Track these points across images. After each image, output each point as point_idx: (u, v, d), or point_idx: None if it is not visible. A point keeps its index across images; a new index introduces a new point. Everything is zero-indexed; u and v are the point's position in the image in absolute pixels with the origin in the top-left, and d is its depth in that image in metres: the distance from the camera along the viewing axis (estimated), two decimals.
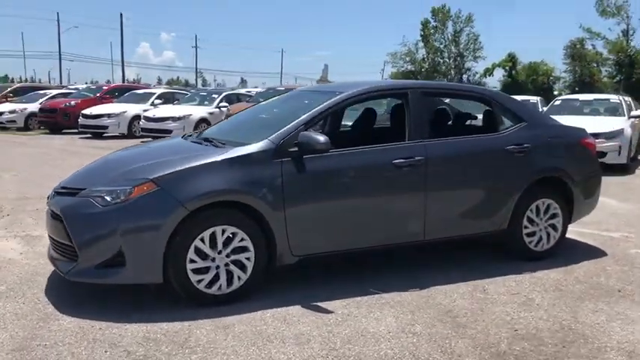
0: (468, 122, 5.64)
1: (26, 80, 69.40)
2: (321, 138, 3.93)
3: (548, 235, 5.01)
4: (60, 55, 62.06)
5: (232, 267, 3.86)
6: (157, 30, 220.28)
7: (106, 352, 3.18)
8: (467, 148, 4.65)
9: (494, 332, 3.53)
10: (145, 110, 16.21)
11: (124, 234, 3.61)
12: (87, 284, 3.87)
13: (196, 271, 3.75)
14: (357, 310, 3.84)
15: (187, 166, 3.84)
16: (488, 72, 54.85)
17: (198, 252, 3.74)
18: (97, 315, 3.65)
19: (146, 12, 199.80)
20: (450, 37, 57.15)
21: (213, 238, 3.78)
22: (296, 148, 3.97)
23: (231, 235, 3.83)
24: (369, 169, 4.26)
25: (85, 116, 16.61)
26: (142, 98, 17.83)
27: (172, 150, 4.43)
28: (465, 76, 58.22)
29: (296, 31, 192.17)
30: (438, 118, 5.31)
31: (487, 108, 5.14)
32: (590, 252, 5.32)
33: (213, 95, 17.00)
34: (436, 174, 4.43)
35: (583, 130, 5.42)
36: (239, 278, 3.87)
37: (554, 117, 6.08)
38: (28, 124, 19.19)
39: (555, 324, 3.66)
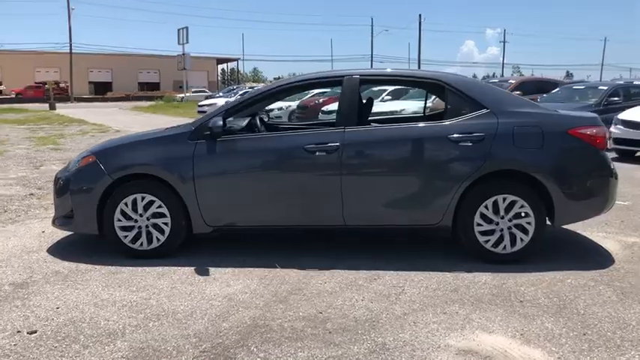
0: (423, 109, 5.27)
1: None
2: (218, 123, 4.47)
3: (514, 236, 4.50)
4: (372, 57, 67.97)
5: (151, 229, 4.67)
6: (482, 28, 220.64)
7: (20, 275, 4.37)
8: (394, 137, 4.54)
9: (290, 309, 3.65)
10: None
11: (72, 194, 4.75)
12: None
13: (123, 228, 4.68)
14: (230, 277, 4.28)
15: (121, 144, 4.82)
16: None
17: (124, 213, 4.66)
18: (62, 254, 4.86)
19: (469, 11, 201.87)
20: None
21: (135, 203, 4.65)
22: (209, 132, 4.58)
23: (150, 202, 4.64)
24: (280, 153, 4.58)
25: (323, 112, 18.58)
26: (376, 94, 19.02)
27: (148, 132, 5.38)
28: None
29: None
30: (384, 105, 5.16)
31: (442, 94, 4.84)
32: (592, 262, 4.56)
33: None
34: (353, 161, 4.49)
35: (580, 119, 4.62)
36: (157, 239, 4.67)
37: None
38: (291, 119, 22.15)
39: (371, 314, 3.57)
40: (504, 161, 4.42)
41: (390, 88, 19.26)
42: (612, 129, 10.86)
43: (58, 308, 3.68)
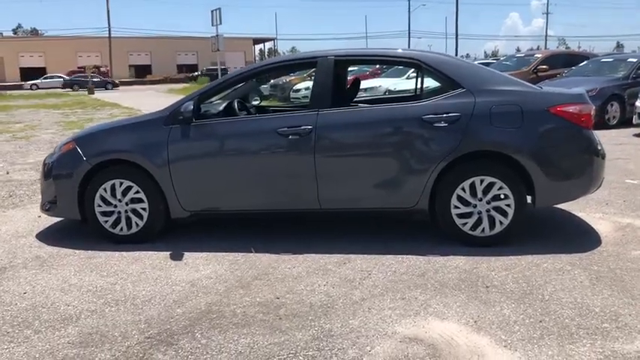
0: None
1: None
2: (189, 107, 4.46)
3: (493, 219, 4.38)
4: (409, 33, 66.87)
5: (130, 214, 4.73)
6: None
7: (1, 260, 4.49)
8: (367, 119, 4.45)
9: (249, 295, 3.65)
10: (393, 84, 17.12)
11: (55, 179, 4.84)
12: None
13: (103, 213, 4.75)
14: (201, 262, 4.30)
15: (100, 130, 4.87)
16: None
17: (103, 199, 4.73)
18: (48, 239, 4.98)
19: None
20: None
21: (114, 188, 4.71)
22: (181, 117, 4.58)
23: (127, 188, 4.69)
24: (253, 137, 4.55)
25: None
26: (402, 73, 18.73)
27: (128, 118, 5.43)
28: None
29: None
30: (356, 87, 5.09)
31: (418, 74, 4.70)
32: (577, 245, 4.40)
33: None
34: (326, 144, 4.43)
35: (563, 96, 4.42)
36: (136, 224, 4.73)
37: None
38: None
39: (328, 300, 3.54)
40: (481, 142, 4.29)
41: None
42: (638, 103, 10.40)
43: (25, 293, 3.76)
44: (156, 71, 66.98)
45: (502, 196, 4.30)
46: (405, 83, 16.79)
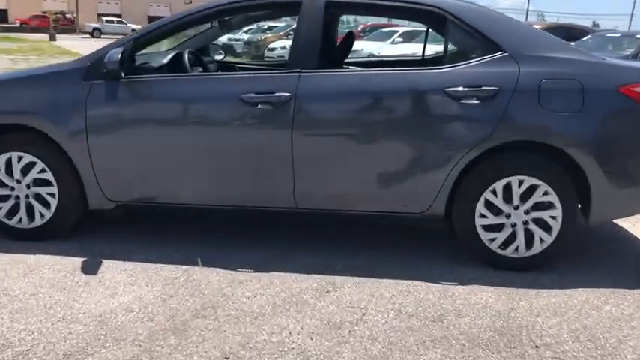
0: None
1: None
2: (115, 57, 3.09)
3: (531, 235, 3.16)
4: None
5: (33, 201, 3.40)
6: None
7: None
8: (368, 87, 3.16)
9: (184, 348, 2.38)
10: (377, 48, 15.77)
11: None
12: None
13: None
14: (124, 278, 3.04)
15: None
16: None
17: None
18: None
19: None
20: None
21: (10, 165, 3.36)
22: (106, 69, 3.21)
23: (29, 165, 3.35)
24: (206, 103, 3.24)
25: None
26: (387, 36, 17.41)
27: (35, 68, 4.02)
28: None
29: None
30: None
31: (442, 29, 3.40)
32: (638, 273, 3.24)
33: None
34: (309, 118, 3.14)
35: (638, 71, 3.19)
36: (42, 215, 3.41)
37: None
38: None
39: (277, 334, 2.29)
40: (525, 128, 3.07)
41: (402, 29, 17.55)
42: None
43: None
44: (126, 22, 63.81)
45: (546, 205, 3.08)
46: (389, 48, 15.45)
